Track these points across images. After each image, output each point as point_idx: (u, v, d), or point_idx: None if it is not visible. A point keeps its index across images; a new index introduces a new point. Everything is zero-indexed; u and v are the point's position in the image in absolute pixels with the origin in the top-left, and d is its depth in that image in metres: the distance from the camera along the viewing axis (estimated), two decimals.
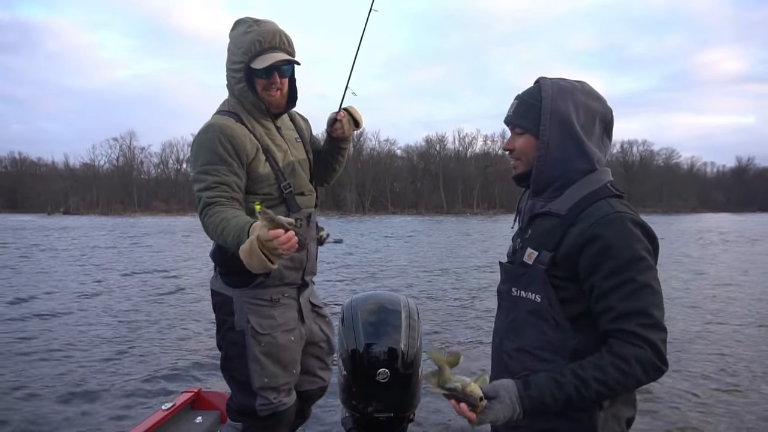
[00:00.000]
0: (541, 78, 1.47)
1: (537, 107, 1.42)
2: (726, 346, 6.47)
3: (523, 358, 1.43)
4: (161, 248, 21.66)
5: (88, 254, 18.96)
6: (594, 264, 1.30)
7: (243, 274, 1.85)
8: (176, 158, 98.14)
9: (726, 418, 4.33)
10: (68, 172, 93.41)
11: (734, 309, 8.81)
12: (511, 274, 1.50)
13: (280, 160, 1.99)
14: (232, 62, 1.93)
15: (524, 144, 1.45)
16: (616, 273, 1.27)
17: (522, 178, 1.51)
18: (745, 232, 32.61)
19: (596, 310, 1.32)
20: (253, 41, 1.87)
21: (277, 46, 1.91)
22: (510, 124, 1.49)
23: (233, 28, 1.95)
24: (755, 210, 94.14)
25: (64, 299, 9.70)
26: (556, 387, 1.26)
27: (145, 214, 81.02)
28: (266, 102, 1.96)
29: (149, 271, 13.63)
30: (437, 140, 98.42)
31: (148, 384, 5.14)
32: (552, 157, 1.41)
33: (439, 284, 11.37)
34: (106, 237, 29.49)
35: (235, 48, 1.91)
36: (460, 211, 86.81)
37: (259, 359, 2.01)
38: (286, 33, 1.95)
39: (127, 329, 7.32)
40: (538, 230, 1.45)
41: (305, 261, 2.10)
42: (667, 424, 4.21)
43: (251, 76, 1.92)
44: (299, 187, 2.06)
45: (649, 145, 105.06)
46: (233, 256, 1.84)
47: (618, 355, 1.25)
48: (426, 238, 27.75)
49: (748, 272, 13.60)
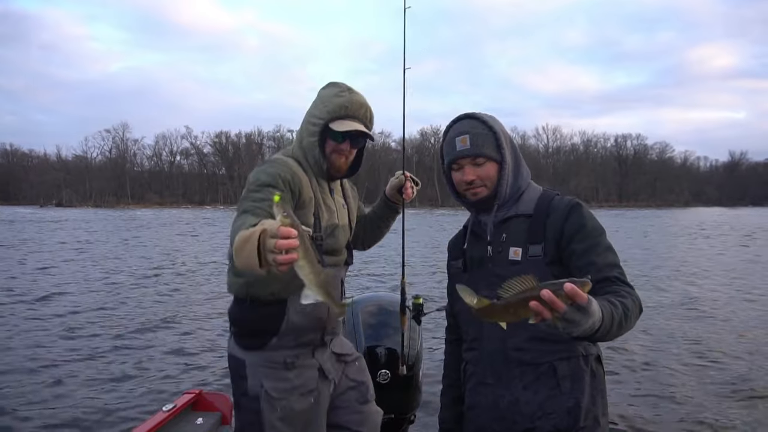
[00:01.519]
0: (469, 114, 1.67)
1: (491, 136, 1.61)
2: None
3: (538, 345, 1.53)
4: (160, 243, 21.49)
5: (86, 249, 18.71)
6: (572, 235, 1.53)
7: (255, 335, 1.83)
8: (170, 150, 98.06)
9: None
10: (61, 164, 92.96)
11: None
12: (499, 274, 1.51)
13: (324, 219, 1.94)
14: (312, 115, 1.93)
15: (489, 170, 1.61)
16: (590, 237, 1.52)
17: (485, 201, 1.64)
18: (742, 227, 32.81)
19: (579, 264, 1.50)
20: (341, 105, 1.89)
21: (360, 117, 1.94)
22: (471, 156, 1.61)
23: (325, 87, 1.97)
24: (747, 204, 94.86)
25: (62, 298, 9.58)
26: (614, 309, 1.26)
27: (138, 206, 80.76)
28: (329, 163, 1.94)
29: (149, 269, 13.49)
30: (432, 133, 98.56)
31: (149, 385, 5.12)
32: (511, 175, 1.63)
33: (437, 283, 11.36)
34: (103, 230, 29.32)
35: (321, 104, 1.93)
36: (455, 205, 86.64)
37: (275, 427, 1.84)
38: (371, 109, 1.99)
39: (128, 329, 7.24)
40: (514, 232, 1.61)
41: (325, 319, 1.92)
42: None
43: (325, 135, 1.92)
44: (333, 247, 1.98)
45: (642, 139, 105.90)
46: (249, 310, 1.84)
47: (627, 292, 1.41)
48: (427, 232, 27.74)
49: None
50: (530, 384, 1.53)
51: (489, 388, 1.59)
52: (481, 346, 1.62)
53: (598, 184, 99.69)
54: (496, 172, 1.61)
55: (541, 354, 1.53)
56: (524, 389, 1.53)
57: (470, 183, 1.62)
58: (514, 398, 1.54)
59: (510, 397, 1.55)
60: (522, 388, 1.54)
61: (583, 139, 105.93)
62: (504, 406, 1.55)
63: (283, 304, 1.83)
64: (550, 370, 1.52)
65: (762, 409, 4.53)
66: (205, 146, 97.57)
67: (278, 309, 1.83)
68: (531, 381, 1.53)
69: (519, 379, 1.54)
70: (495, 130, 1.61)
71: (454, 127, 1.66)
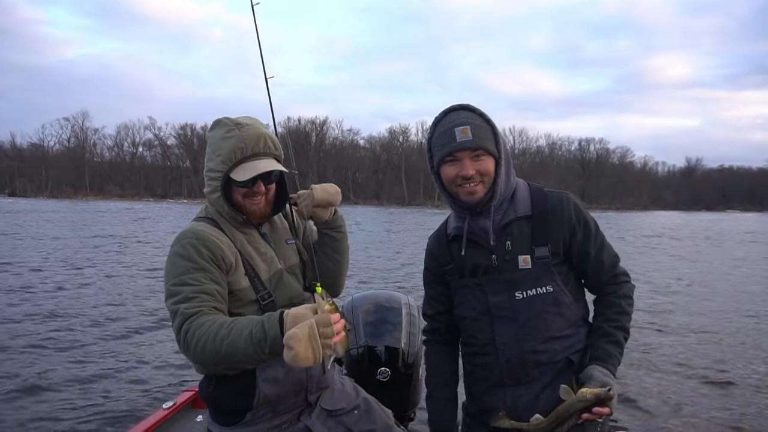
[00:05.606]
0: (464, 105, 1.56)
1: (489, 130, 1.52)
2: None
3: (553, 345, 1.56)
4: (148, 237, 20.93)
5: (73, 245, 17.90)
6: (583, 237, 1.57)
7: (229, 412, 1.66)
8: (132, 141, 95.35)
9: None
10: (15, 152, 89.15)
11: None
12: (509, 282, 1.56)
13: (263, 272, 1.70)
14: (209, 169, 1.67)
15: (488, 165, 1.52)
16: (596, 236, 1.58)
17: (482, 201, 1.54)
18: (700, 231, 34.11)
19: (593, 268, 1.59)
20: (234, 149, 1.61)
21: (261, 152, 1.65)
22: (472, 149, 1.49)
23: (211, 128, 1.71)
24: (701, 209, 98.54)
25: (59, 293, 9.37)
26: (616, 346, 1.53)
27: (97, 198, 78.24)
28: (247, 212, 1.69)
29: (144, 265, 13.18)
30: (400, 132, 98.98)
31: (148, 382, 5.09)
32: (504, 173, 1.55)
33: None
34: (81, 219, 28.28)
35: (213, 154, 1.66)
36: (422, 203, 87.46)
37: None
38: (272, 135, 1.71)
39: (127, 327, 7.14)
40: (518, 237, 1.56)
41: (305, 381, 1.71)
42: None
43: (230, 185, 1.66)
44: (287, 298, 1.72)
45: (605, 143, 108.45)
46: (216, 389, 1.64)
47: (626, 296, 1.59)
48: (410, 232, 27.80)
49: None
50: (550, 382, 1.55)
51: (507, 389, 1.59)
52: (496, 351, 1.60)
53: (562, 186, 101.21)
54: (493, 168, 1.53)
55: (556, 352, 1.56)
56: (544, 388, 1.56)
57: (468, 178, 1.50)
58: (534, 396, 1.56)
59: (529, 396, 1.56)
60: (542, 388, 1.56)
61: (548, 142, 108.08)
62: (522, 405, 1.56)
63: (251, 377, 1.62)
64: (568, 363, 1.57)
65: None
66: (169, 138, 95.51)
67: (247, 382, 1.63)
68: (550, 379, 1.56)
69: (539, 380, 1.56)
70: (492, 124, 1.54)
71: (449, 116, 1.54)
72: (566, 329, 1.57)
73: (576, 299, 1.61)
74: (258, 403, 1.63)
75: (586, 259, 1.58)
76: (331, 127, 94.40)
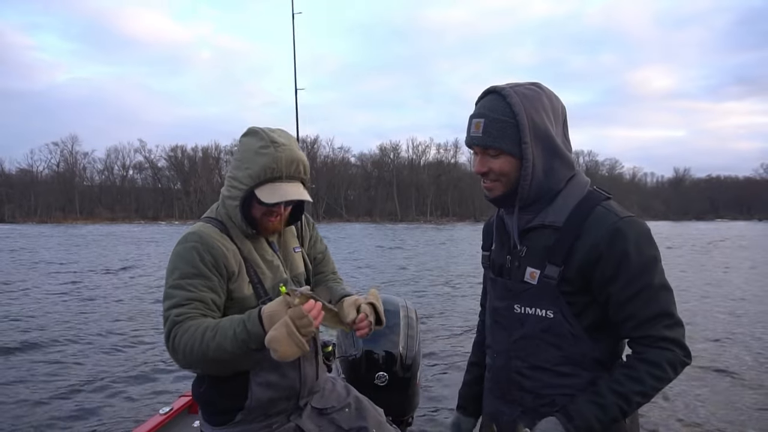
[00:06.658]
0: (499, 88, 1.32)
1: (512, 124, 1.28)
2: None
3: (540, 375, 1.37)
4: (145, 252, 21.08)
5: (71, 259, 18.17)
6: (610, 276, 1.26)
7: (221, 412, 1.67)
8: (122, 164, 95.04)
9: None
10: (3, 178, 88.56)
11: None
12: (511, 291, 1.41)
13: (268, 279, 1.68)
14: (234, 177, 1.63)
15: (503, 165, 1.32)
16: (634, 281, 1.25)
17: (502, 199, 1.38)
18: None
19: (617, 318, 1.29)
20: (265, 167, 1.57)
21: (292, 175, 1.62)
22: (481, 146, 1.33)
23: (245, 135, 1.66)
24: (691, 218, 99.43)
25: (56, 305, 9.38)
26: (600, 410, 1.24)
27: (87, 221, 77.72)
28: (261, 227, 1.68)
29: (141, 275, 13.32)
30: (391, 148, 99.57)
31: (145, 388, 5.10)
32: (538, 173, 1.32)
33: (435, 290, 11.37)
34: (82, 243, 28.08)
35: (241, 164, 1.62)
36: (414, 219, 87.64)
37: None
38: (304, 159, 1.65)
39: (123, 334, 7.17)
40: (535, 247, 1.36)
41: (298, 387, 1.72)
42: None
43: (251, 198, 1.62)
44: None
45: (594, 155, 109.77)
46: (209, 388, 1.66)
47: (652, 363, 1.24)
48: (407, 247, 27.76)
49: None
50: (529, 411, 1.39)
51: (495, 400, 1.50)
52: (492, 357, 1.51)
53: None
54: (513, 169, 1.32)
55: (543, 385, 1.37)
56: (523, 413, 1.41)
57: (483, 174, 1.37)
58: (512, 419, 1.43)
59: (509, 417, 1.45)
60: (521, 413, 1.42)
61: None
62: (503, 421, 1.46)
63: (244, 379, 1.64)
64: (551, 403, 1.35)
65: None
66: (160, 160, 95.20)
67: (240, 384, 1.64)
68: (532, 408, 1.39)
69: (519, 404, 1.43)
70: (519, 119, 1.27)
71: (480, 102, 1.36)
72: (562, 366, 1.34)
73: (592, 338, 1.33)
74: (250, 405, 1.65)
75: (611, 302, 1.29)
76: (322, 145, 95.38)
